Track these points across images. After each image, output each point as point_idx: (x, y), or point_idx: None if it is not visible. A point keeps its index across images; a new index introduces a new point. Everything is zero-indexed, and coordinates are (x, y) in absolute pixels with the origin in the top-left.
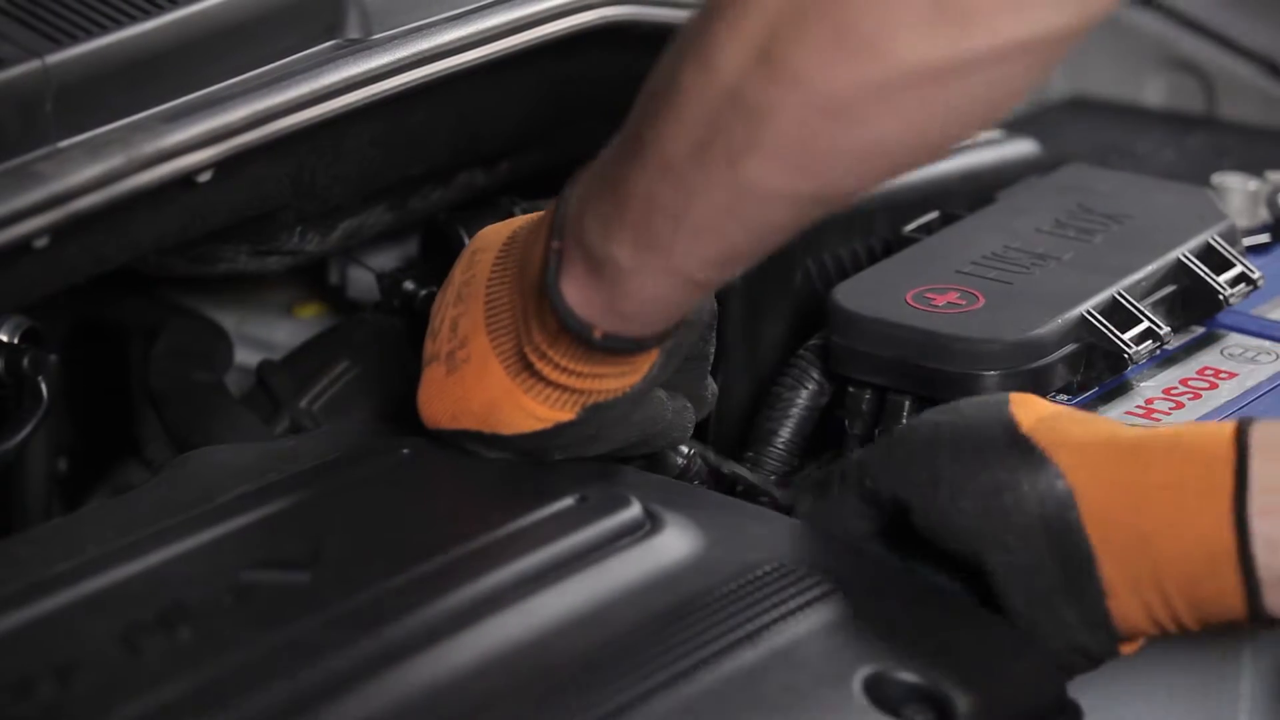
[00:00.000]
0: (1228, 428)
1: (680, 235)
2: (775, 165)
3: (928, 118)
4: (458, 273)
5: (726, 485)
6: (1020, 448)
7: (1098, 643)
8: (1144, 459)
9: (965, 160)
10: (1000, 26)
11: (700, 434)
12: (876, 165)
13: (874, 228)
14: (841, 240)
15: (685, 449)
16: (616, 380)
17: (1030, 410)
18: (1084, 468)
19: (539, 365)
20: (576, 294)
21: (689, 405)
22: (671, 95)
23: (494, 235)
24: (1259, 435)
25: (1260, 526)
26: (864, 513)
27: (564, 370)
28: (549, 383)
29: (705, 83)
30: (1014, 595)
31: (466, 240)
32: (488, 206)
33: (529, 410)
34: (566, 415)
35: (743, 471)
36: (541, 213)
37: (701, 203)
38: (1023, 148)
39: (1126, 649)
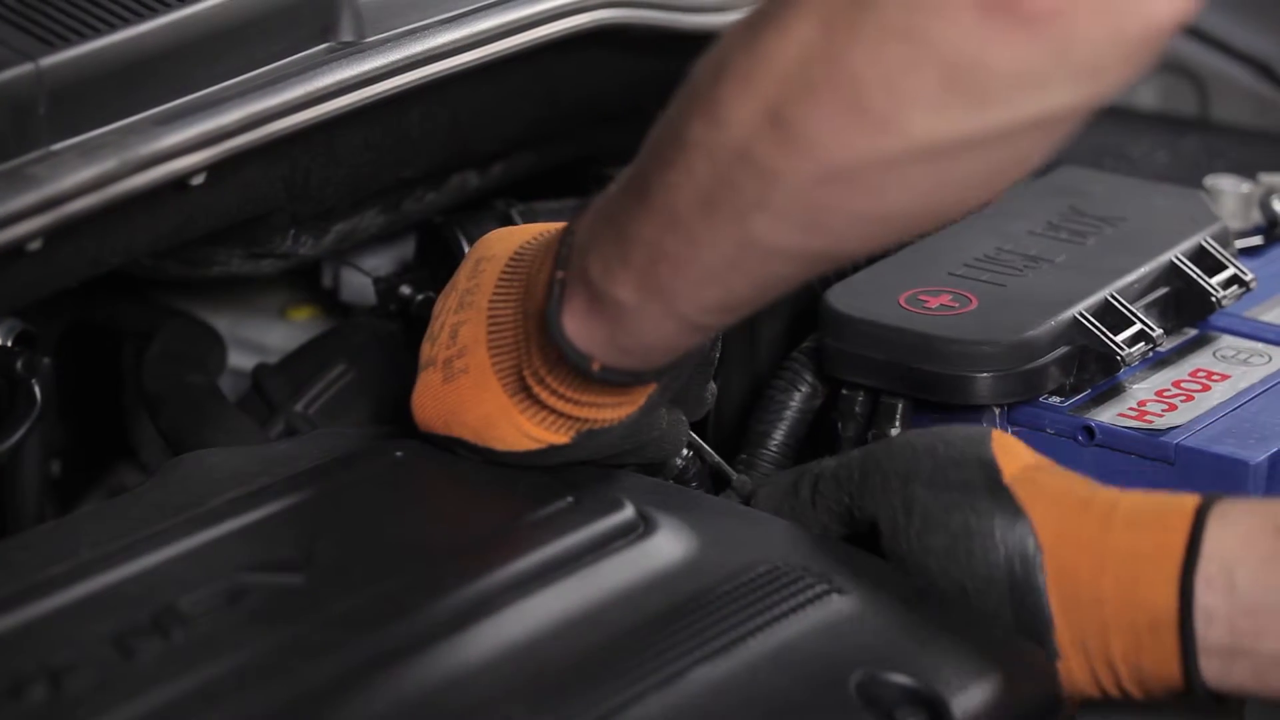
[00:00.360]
0: (1193, 499)
1: (683, 283)
2: (783, 225)
3: (938, 189)
4: (461, 279)
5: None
6: (998, 497)
7: None
8: (1111, 522)
9: None
10: (1013, 105)
11: (698, 434)
12: (885, 229)
13: None
14: None
15: (684, 450)
16: (613, 410)
17: (1012, 457)
18: (1054, 524)
19: (536, 389)
20: (577, 326)
21: (683, 418)
22: (680, 147)
23: (500, 244)
24: (1220, 509)
25: (1203, 597)
26: (833, 530)
27: (561, 397)
28: (545, 407)
29: (714, 139)
30: None
31: (465, 243)
32: (484, 209)
33: (524, 430)
34: (561, 438)
35: (702, 443)
36: (551, 231)
37: (706, 254)
38: None
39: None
